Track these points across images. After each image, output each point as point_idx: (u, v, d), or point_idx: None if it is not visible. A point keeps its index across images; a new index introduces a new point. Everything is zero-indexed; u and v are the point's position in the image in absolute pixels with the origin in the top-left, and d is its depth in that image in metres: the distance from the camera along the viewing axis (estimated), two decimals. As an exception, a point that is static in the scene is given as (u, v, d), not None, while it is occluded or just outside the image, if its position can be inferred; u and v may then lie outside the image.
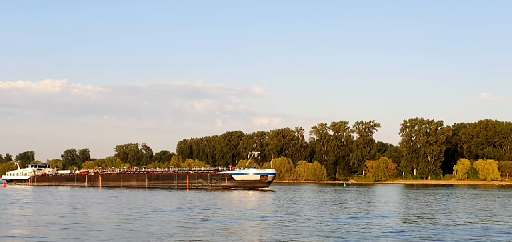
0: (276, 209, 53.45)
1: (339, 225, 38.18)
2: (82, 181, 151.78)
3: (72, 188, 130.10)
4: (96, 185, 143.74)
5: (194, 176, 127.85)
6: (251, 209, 52.11)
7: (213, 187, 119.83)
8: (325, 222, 40.62)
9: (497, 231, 35.37)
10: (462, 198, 78.76)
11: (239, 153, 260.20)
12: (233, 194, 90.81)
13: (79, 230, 34.73)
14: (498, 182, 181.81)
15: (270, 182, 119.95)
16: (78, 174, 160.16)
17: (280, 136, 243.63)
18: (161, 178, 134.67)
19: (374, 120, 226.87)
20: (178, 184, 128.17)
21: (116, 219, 42.53)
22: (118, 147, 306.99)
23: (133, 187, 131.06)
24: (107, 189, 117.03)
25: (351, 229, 35.62)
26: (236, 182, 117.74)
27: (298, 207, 57.10)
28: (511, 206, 60.82)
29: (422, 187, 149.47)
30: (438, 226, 38.51)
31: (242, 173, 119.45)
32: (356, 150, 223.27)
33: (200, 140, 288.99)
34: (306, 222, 40.21)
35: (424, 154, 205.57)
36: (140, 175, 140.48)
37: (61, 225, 37.35)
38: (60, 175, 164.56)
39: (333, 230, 34.92)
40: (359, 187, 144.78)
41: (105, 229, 34.95)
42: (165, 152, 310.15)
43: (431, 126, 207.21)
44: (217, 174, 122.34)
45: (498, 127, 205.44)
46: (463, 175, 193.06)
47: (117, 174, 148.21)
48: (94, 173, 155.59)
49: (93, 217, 44.20)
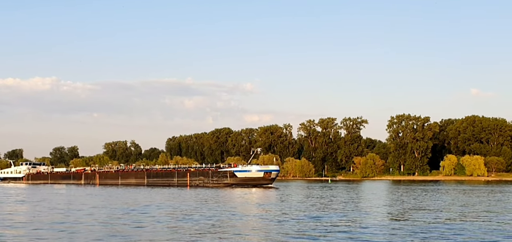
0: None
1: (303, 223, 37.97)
2: (79, 179, 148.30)
3: (68, 186, 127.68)
4: (93, 183, 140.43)
5: (195, 173, 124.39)
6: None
7: (215, 184, 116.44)
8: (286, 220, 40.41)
9: (465, 227, 35.28)
10: (441, 194, 78.85)
11: (227, 150, 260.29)
12: (236, 192, 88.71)
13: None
14: (485, 178, 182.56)
15: (274, 179, 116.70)
16: (75, 172, 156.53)
17: (268, 133, 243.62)
18: (161, 176, 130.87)
19: (361, 116, 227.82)
20: (178, 182, 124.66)
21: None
22: (107, 144, 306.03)
23: (131, 185, 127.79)
24: (105, 187, 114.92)
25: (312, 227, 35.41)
26: (239, 179, 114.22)
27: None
28: (489, 202, 60.89)
29: (409, 183, 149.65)
30: (412, 222, 38.38)
31: (245, 170, 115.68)
32: (344, 146, 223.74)
33: (189, 136, 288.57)
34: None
35: (411, 150, 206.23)
36: (139, 173, 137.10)
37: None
38: (55, 172, 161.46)
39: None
40: (346, 184, 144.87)
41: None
42: (154, 149, 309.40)
43: (418, 122, 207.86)
44: (219, 171, 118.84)
45: (485, 123, 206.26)
46: (450, 171, 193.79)
47: (114, 171, 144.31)
48: (91, 171, 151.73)
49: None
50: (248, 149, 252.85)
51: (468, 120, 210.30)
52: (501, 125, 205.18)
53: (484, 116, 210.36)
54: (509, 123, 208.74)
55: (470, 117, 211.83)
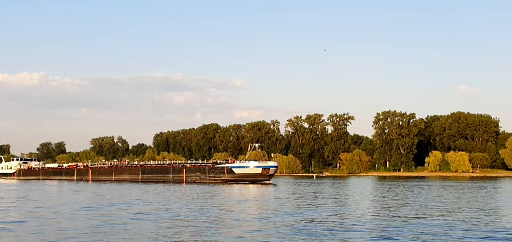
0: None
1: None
2: (71, 174, 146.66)
3: (60, 182, 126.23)
4: (86, 179, 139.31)
5: (191, 169, 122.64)
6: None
7: (211, 180, 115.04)
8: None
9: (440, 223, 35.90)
10: (423, 189, 79.61)
11: (215, 146, 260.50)
12: (234, 188, 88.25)
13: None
14: (469, 174, 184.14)
15: (272, 175, 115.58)
16: (67, 168, 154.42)
17: (256, 129, 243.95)
18: (156, 171, 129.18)
19: (348, 113, 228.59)
20: (174, 178, 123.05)
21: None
22: (94, 139, 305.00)
23: (125, 181, 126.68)
24: (98, 183, 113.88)
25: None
26: (237, 176, 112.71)
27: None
28: (465, 197, 61.65)
29: (394, 179, 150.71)
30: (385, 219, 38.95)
31: (242, 166, 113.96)
32: (331, 142, 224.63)
33: (177, 132, 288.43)
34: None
35: (396, 146, 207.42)
36: (133, 168, 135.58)
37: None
38: (47, 168, 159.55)
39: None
40: (332, 180, 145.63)
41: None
42: (141, 145, 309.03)
43: (403, 118, 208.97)
44: (216, 167, 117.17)
45: (470, 119, 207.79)
46: (435, 167, 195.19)
47: (108, 167, 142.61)
48: (84, 166, 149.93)
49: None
50: (236, 144, 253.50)
51: (454, 116, 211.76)
52: (486, 121, 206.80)
53: (469, 113, 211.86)
54: (494, 119, 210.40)
55: (455, 113, 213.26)
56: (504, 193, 75.89)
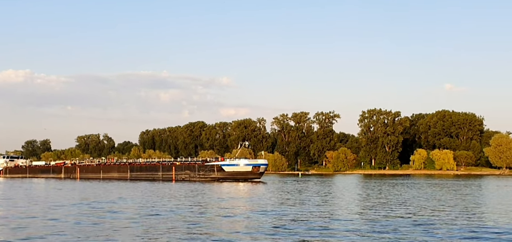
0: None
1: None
2: (59, 172, 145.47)
3: (47, 180, 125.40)
4: (73, 177, 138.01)
5: (180, 167, 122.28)
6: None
7: (201, 178, 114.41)
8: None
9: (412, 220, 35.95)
10: (407, 187, 79.93)
11: (201, 144, 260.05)
12: (223, 186, 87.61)
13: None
14: (454, 172, 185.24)
15: (262, 173, 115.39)
16: (54, 165, 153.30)
17: (242, 127, 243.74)
18: (145, 169, 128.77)
19: (334, 111, 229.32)
20: (163, 176, 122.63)
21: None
22: (79, 137, 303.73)
23: (114, 178, 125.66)
24: (85, 181, 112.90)
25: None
26: (226, 174, 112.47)
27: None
28: (437, 194, 61.96)
29: (379, 177, 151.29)
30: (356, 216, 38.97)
31: (232, 164, 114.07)
32: (316, 140, 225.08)
33: (163, 130, 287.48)
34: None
35: (382, 144, 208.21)
36: (122, 166, 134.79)
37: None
38: (34, 166, 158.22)
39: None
40: (318, 178, 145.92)
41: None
42: (127, 143, 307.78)
43: (388, 116, 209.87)
44: (206, 165, 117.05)
45: (454, 118, 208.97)
46: (420, 165, 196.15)
47: (96, 165, 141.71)
48: (71, 164, 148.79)
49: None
50: (223, 142, 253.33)
51: (438, 115, 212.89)
52: (470, 119, 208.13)
53: (454, 111, 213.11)
54: (478, 118, 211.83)
55: (440, 112, 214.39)
56: (486, 190, 76.40)
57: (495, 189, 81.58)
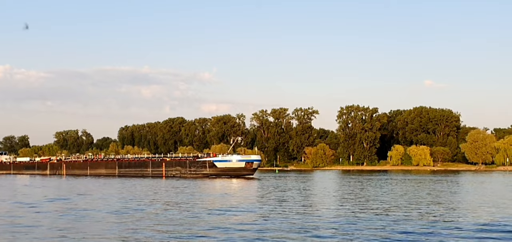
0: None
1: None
2: (44, 169, 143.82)
3: (32, 176, 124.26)
4: (59, 174, 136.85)
5: (171, 163, 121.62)
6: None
7: (193, 175, 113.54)
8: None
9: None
10: (382, 183, 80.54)
11: (181, 140, 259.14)
12: (216, 182, 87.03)
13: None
14: (430, 167, 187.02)
15: (256, 169, 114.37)
16: (39, 162, 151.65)
17: (221, 123, 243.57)
18: (134, 166, 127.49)
19: (312, 107, 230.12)
20: (152, 172, 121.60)
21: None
22: (58, 133, 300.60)
23: (101, 175, 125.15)
24: (72, 178, 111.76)
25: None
26: (219, 170, 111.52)
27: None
28: (423, 191, 62.59)
29: (357, 172, 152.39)
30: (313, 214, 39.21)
31: (225, 159, 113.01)
32: (295, 136, 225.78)
33: (142, 126, 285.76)
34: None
35: (360, 141, 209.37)
36: (110, 162, 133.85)
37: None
38: (18, 162, 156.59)
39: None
40: (297, 173, 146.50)
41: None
42: (107, 139, 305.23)
43: (366, 112, 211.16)
44: (197, 161, 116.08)
45: (431, 114, 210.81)
46: (397, 161, 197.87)
47: (83, 161, 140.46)
48: (57, 160, 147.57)
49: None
50: (202, 138, 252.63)
51: (416, 111, 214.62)
52: (447, 115, 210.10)
53: (431, 108, 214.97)
54: (455, 114, 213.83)
55: (417, 108, 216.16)
56: (458, 186, 77.32)
57: (463, 185, 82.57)
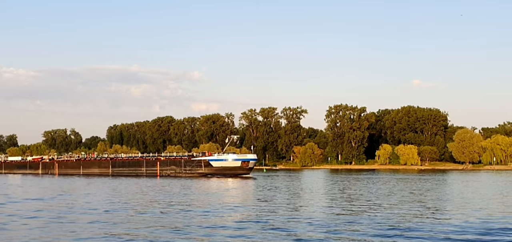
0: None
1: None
2: (36, 168, 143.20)
3: (23, 176, 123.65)
4: (51, 173, 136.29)
5: (165, 162, 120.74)
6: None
7: (188, 174, 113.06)
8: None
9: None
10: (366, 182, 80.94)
11: (170, 139, 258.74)
12: (211, 181, 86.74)
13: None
14: (418, 167, 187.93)
15: (252, 169, 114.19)
16: (31, 161, 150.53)
17: (210, 122, 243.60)
18: (127, 165, 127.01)
19: (301, 106, 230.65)
20: (147, 171, 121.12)
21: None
22: (46, 132, 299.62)
23: (94, 174, 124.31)
24: (64, 177, 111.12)
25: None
26: (214, 169, 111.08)
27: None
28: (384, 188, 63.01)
29: (345, 172, 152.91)
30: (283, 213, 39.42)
31: (220, 158, 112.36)
32: (284, 135, 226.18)
33: (131, 125, 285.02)
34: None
35: (348, 140, 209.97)
36: (103, 162, 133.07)
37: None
38: (10, 161, 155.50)
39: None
40: (285, 172, 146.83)
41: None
42: (95, 138, 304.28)
43: (354, 112, 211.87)
44: (193, 160, 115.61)
45: (419, 113, 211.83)
46: (385, 160, 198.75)
47: (75, 160, 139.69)
48: (49, 160, 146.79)
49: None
50: (191, 137, 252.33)
51: (404, 110, 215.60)
52: (435, 115, 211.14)
53: (419, 107, 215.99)
54: (443, 113, 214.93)
55: (405, 107, 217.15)
56: (441, 185, 77.85)
57: (448, 184, 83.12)
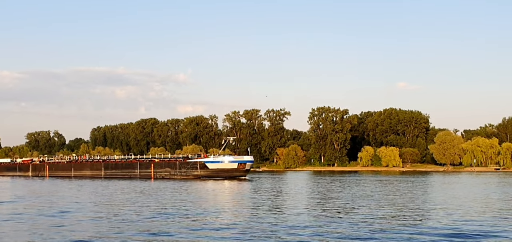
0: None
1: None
2: (26, 170, 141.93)
3: (13, 178, 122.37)
4: (42, 175, 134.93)
5: (160, 164, 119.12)
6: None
7: (183, 176, 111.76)
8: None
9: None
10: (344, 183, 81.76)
11: (153, 141, 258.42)
12: (208, 184, 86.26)
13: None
14: (400, 168, 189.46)
15: (249, 171, 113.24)
16: (21, 163, 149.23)
17: (194, 124, 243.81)
18: (121, 167, 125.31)
19: (284, 108, 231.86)
20: (141, 174, 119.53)
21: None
22: (29, 134, 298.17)
23: (86, 177, 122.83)
24: (55, 180, 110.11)
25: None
26: (210, 171, 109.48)
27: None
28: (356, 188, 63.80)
29: (328, 173, 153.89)
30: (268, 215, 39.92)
31: (216, 160, 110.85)
32: (268, 137, 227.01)
33: (115, 127, 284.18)
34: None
35: (330, 142, 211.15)
36: (95, 164, 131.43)
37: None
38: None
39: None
40: (268, 174, 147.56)
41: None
42: (79, 139, 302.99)
43: (337, 114, 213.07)
44: (188, 162, 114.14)
45: (401, 115, 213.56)
46: (367, 162, 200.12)
47: (67, 162, 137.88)
48: (40, 162, 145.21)
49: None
50: (175, 139, 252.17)
51: (386, 112, 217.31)
52: (416, 117, 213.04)
53: (400, 109, 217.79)
54: (424, 116, 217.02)
55: (387, 110, 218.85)
56: (420, 186, 78.89)
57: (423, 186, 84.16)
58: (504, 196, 60.76)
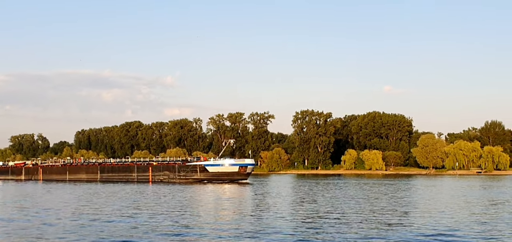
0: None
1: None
2: (18, 174, 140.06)
3: (5, 182, 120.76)
4: (35, 179, 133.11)
5: (158, 167, 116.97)
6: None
7: (182, 180, 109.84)
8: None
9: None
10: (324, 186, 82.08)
11: (138, 144, 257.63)
12: (209, 188, 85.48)
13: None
14: (382, 172, 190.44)
15: (250, 174, 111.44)
16: (13, 166, 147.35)
17: (178, 127, 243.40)
18: (117, 170, 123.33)
19: (268, 111, 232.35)
20: (138, 177, 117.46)
21: None
22: (13, 137, 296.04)
23: (82, 180, 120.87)
24: (48, 184, 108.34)
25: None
26: (210, 174, 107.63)
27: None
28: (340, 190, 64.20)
29: (312, 177, 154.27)
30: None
31: (217, 164, 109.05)
32: (252, 140, 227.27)
33: (99, 130, 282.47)
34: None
35: (314, 145, 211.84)
36: (91, 167, 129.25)
37: None
38: None
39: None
40: (252, 178, 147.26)
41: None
42: (63, 143, 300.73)
43: (321, 117, 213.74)
44: (187, 165, 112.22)
45: (384, 119, 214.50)
46: (350, 165, 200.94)
47: (61, 165, 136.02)
48: (33, 165, 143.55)
49: None
50: (159, 142, 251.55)
51: (369, 116, 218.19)
52: (399, 121, 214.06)
53: (384, 113, 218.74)
54: (408, 119, 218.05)
55: (371, 113, 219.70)
56: (401, 190, 79.48)
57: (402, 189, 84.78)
58: (480, 199, 61.37)
